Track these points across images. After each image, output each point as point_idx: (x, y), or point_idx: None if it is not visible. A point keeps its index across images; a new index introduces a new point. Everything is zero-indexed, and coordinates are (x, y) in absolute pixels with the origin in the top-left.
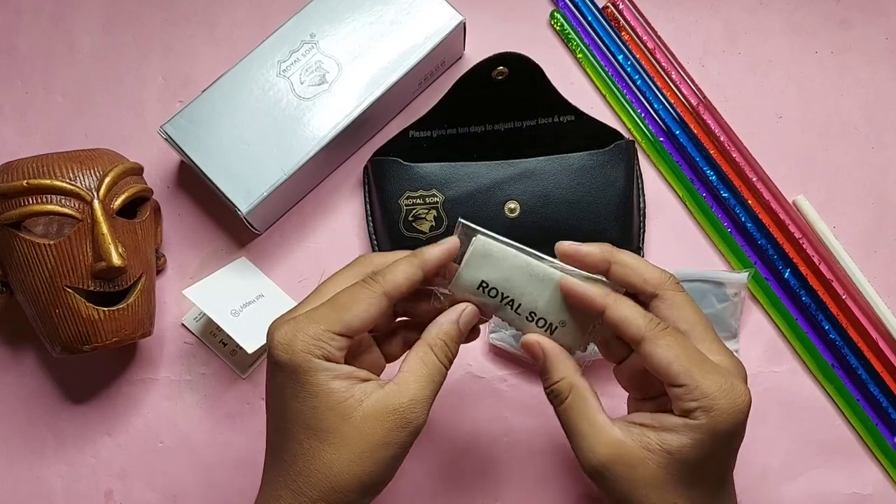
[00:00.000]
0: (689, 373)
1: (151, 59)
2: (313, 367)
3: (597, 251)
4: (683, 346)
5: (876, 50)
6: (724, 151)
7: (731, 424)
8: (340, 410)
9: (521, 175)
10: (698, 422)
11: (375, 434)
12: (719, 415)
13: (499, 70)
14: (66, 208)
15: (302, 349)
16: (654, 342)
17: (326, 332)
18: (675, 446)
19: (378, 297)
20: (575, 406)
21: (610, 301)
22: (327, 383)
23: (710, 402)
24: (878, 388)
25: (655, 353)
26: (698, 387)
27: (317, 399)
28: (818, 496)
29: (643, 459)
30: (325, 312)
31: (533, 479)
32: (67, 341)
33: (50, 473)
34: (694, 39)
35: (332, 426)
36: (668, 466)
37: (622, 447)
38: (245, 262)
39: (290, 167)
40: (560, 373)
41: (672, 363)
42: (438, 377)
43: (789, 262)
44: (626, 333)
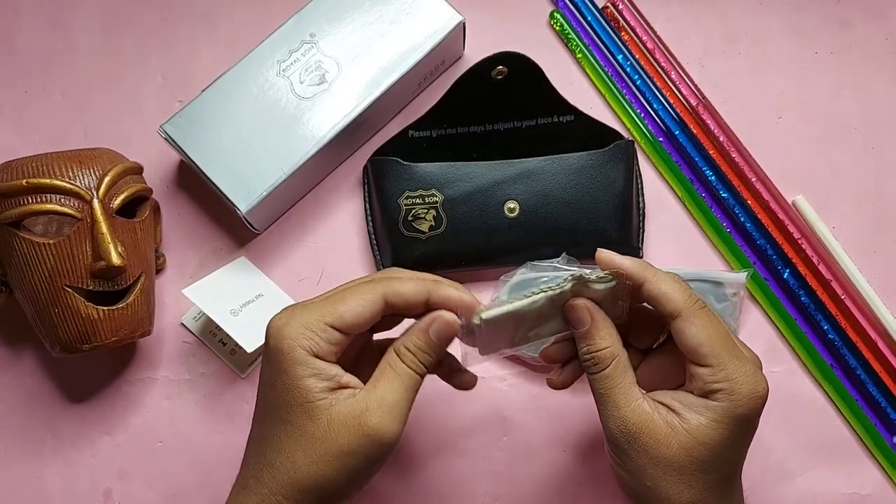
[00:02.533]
0: (717, 355)
1: (151, 59)
2: (295, 358)
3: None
4: (717, 328)
5: (876, 50)
6: (724, 152)
7: (750, 410)
8: (309, 409)
9: (521, 175)
10: (719, 403)
11: (340, 439)
12: (739, 399)
13: (498, 70)
14: (65, 207)
15: (289, 336)
16: (690, 319)
17: (318, 322)
18: (695, 426)
19: (377, 296)
20: (614, 376)
21: (649, 274)
22: (303, 378)
23: (732, 386)
24: (877, 388)
25: (689, 331)
26: (724, 369)
27: (289, 392)
28: (817, 496)
29: (668, 436)
30: (320, 302)
31: (533, 479)
32: (67, 340)
33: (49, 473)
34: (694, 39)
35: (300, 423)
36: (688, 447)
37: (651, 421)
38: (244, 261)
39: (290, 167)
40: (606, 341)
41: (703, 343)
42: (409, 382)
43: (788, 262)
44: (665, 307)
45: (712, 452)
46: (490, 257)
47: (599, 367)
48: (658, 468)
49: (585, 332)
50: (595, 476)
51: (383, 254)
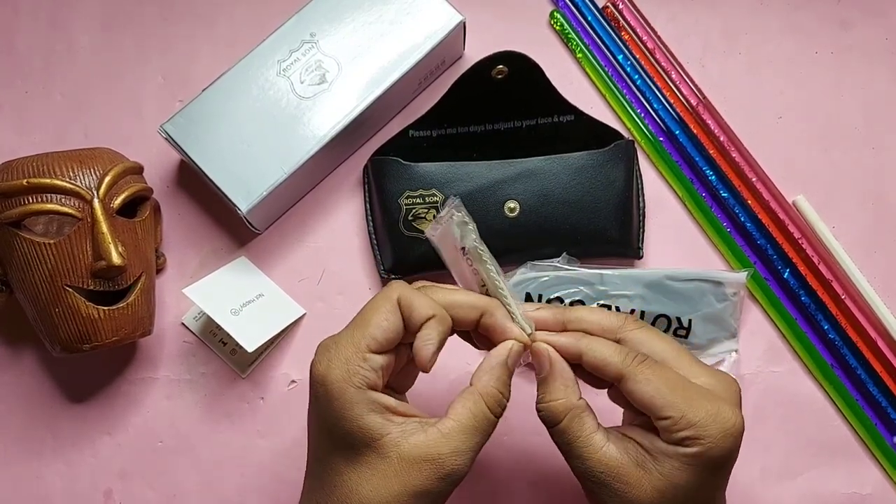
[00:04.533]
0: (672, 405)
1: (151, 59)
2: (349, 398)
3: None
4: (663, 377)
5: (876, 50)
6: (724, 151)
7: (724, 450)
8: (376, 447)
9: (521, 175)
10: (690, 450)
11: (412, 480)
12: (710, 442)
13: (498, 69)
14: (66, 207)
15: (337, 378)
16: (633, 379)
17: (356, 354)
18: (668, 469)
19: (392, 303)
20: (570, 429)
21: (583, 346)
22: (364, 417)
23: (698, 431)
24: (878, 387)
25: (636, 390)
26: (683, 416)
27: (353, 436)
28: (817, 496)
29: (639, 479)
30: (350, 332)
31: (533, 479)
32: (67, 340)
33: (49, 473)
34: (694, 39)
35: (370, 462)
36: (662, 489)
37: (620, 466)
38: (245, 261)
39: (290, 166)
40: (560, 392)
41: (653, 397)
42: (488, 427)
43: (788, 262)
44: (606, 375)
45: (686, 494)
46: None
47: (553, 420)
48: None
49: (541, 380)
50: None
51: (384, 253)
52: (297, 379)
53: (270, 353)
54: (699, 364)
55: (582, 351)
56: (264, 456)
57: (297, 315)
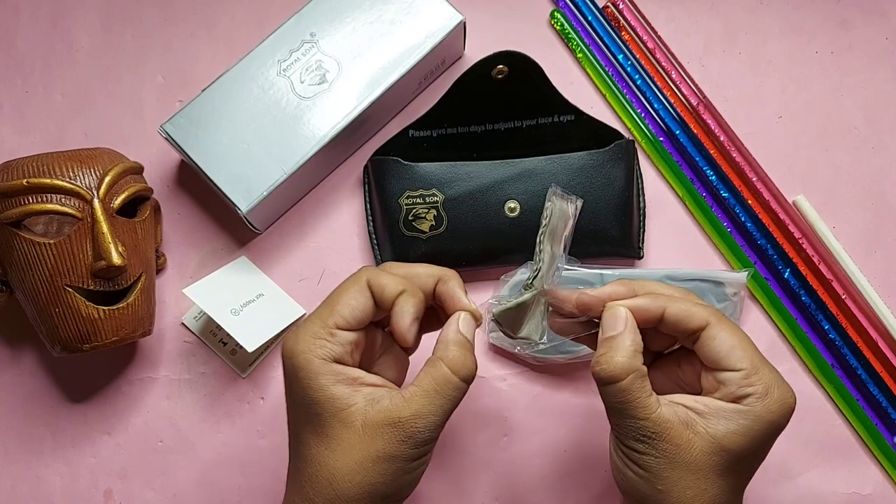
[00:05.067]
0: (749, 358)
1: (151, 59)
2: (314, 369)
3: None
4: (744, 336)
5: (876, 50)
6: (724, 151)
7: (781, 416)
8: (342, 417)
9: (521, 174)
10: (751, 408)
11: (376, 445)
12: (772, 403)
13: (499, 69)
14: (66, 207)
15: (303, 350)
16: (718, 326)
17: (322, 329)
18: (722, 432)
19: (362, 285)
20: (631, 389)
21: (664, 302)
22: (329, 388)
23: (766, 389)
24: (878, 387)
25: (719, 338)
26: (758, 372)
27: (319, 405)
28: (818, 496)
29: (689, 441)
30: (319, 310)
31: (533, 479)
32: (67, 340)
33: (49, 473)
34: (694, 39)
35: (335, 432)
36: (710, 452)
37: (671, 427)
38: (245, 261)
39: (291, 166)
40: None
41: (735, 346)
42: (451, 392)
43: (789, 261)
44: (691, 325)
45: (735, 459)
46: (491, 257)
47: (616, 378)
48: (675, 471)
49: (608, 339)
50: (595, 476)
51: (384, 253)
52: None
53: (270, 353)
54: None
55: (665, 307)
56: (264, 456)
57: (298, 315)
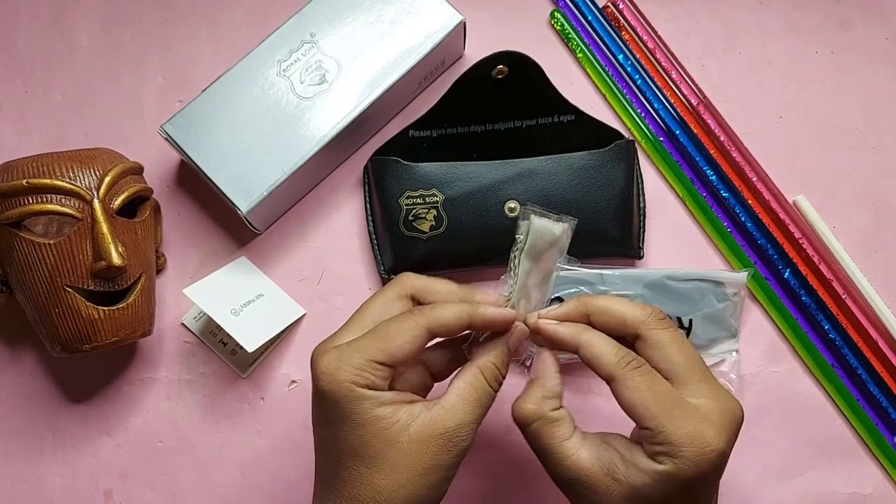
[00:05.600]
0: (654, 417)
1: (151, 59)
2: (357, 395)
3: (572, 309)
4: (653, 389)
5: (876, 50)
6: (724, 151)
7: (696, 473)
8: (387, 436)
9: (521, 175)
10: (663, 467)
11: (423, 458)
12: (683, 462)
13: (499, 69)
14: (66, 208)
15: (346, 379)
16: (623, 383)
17: (369, 363)
18: (639, 483)
19: (422, 330)
20: (540, 434)
21: (583, 339)
22: (372, 411)
23: (673, 449)
24: (878, 387)
25: (622, 394)
26: (662, 432)
27: (363, 427)
28: (818, 496)
29: (607, 487)
30: (368, 342)
31: (533, 479)
32: (67, 341)
33: (49, 473)
34: (694, 39)
35: (380, 452)
36: (631, 499)
37: (588, 475)
38: (245, 261)
39: (290, 166)
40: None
41: (637, 405)
42: (487, 400)
43: (789, 261)
44: (598, 372)
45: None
46: (491, 257)
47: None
48: None
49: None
50: None
51: (384, 253)
52: (297, 379)
53: (270, 353)
54: (709, 383)
55: (580, 345)
56: (264, 456)
57: (298, 315)
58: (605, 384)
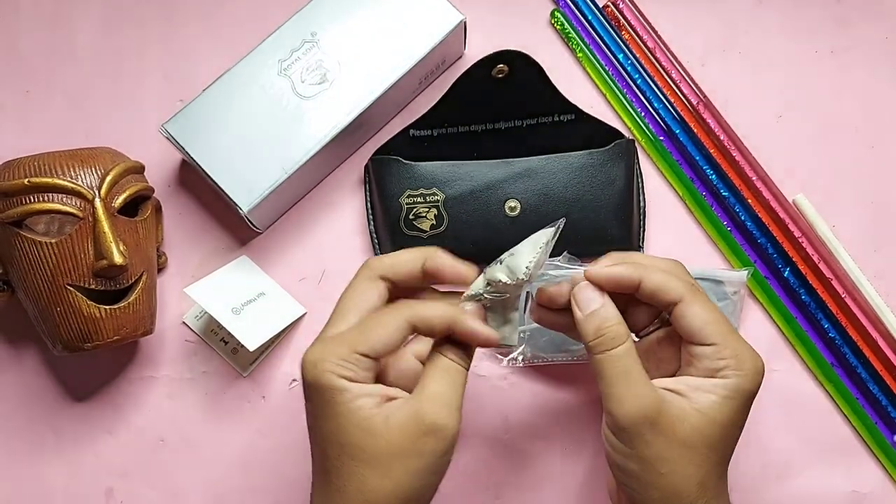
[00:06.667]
0: (721, 333)
1: (152, 58)
2: (338, 386)
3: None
4: (716, 311)
5: (876, 50)
6: (724, 150)
7: (755, 384)
8: (367, 426)
9: (522, 174)
10: (728, 380)
11: (403, 444)
12: (747, 373)
13: (499, 68)
14: (67, 207)
15: (328, 369)
16: (692, 303)
17: (352, 354)
18: (706, 405)
19: (403, 323)
20: (630, 355)
21: (642, 273)
22: (353, 401)
23: (738, 362)
24: (878, 386)
25: (690, 313)
26: (730, 346)
27: (344, 417)
28: (818, 495)
29: (682, 418)
30: (352, 335)
31: (533, 479)
32: (69, 339)
33: (50, 471)
34: (694, 39)
35: (361, 442)
36: (700, 427)
37: (666, 403)
38: (246, 260)
39: (291, 166)
40: (618, 316)
41: (708, 322)
42: (455, 376)
43: (789, 260)
44: (666, 297)
45: (722, 430)
46: (491, 256)
47: (616, 341)
48: (674, 451)
49: (595, 312)
50: (595, 475)
51: (384, 252)
52: (298, 378)
53: (271, 352)
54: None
55: (642, 277)
56: (266, 455)
57: (298, 314)
58: None
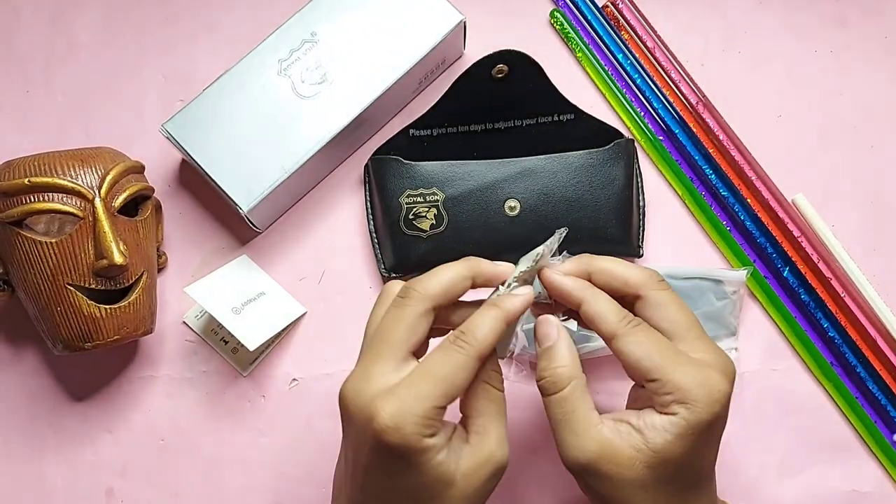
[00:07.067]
0: (658, 368)
1: (152, 58)
2: (424, 447)
3: (574, 267)
4: (654, 342)
5: (875, 49)
6: (724, 150)
7: (710, 415)
8: (446, 479)
9: (521, 174)
10: (677, 416)
11: (477, 487)
12: (696, 406)
13: (499, 68)
14: (67, 206)
15: (413, 431)
16: (625, 339)
17: (433, 409)
18: (660, 444)
19: (473, 361)
20: (572, 399)
21: (587, 296)
22: (435, 458)
23: (684, 395)
24: (877, 386)
25: (625, 350)
26: (670, 380)
27: (425, 476)
28: (817, 494)
29: (631, 459)
30: (428, 389)
31: (533, 479)
32: (69, 339)
33: (51, 471)
34: (694, 39)
35: (439, 494)
36: (654, 465)
37: (611, 447)
38: (246, 259)
39: (291, 165)
40: (566, 359)
41: (641, 359)
42: (502, 406)
43: (788, 260)
44: (599, 330)
45: (677, 466)
46: (491, 256)
47: (556, 387)
48: (623, 491)
49: (547, 350)
50: None
51: (384, 252)
52: (298, 377)
53: (272, 351)
54: (704, 340)
55: (583, 300)
56: (266, 454)
57: (299, 314)
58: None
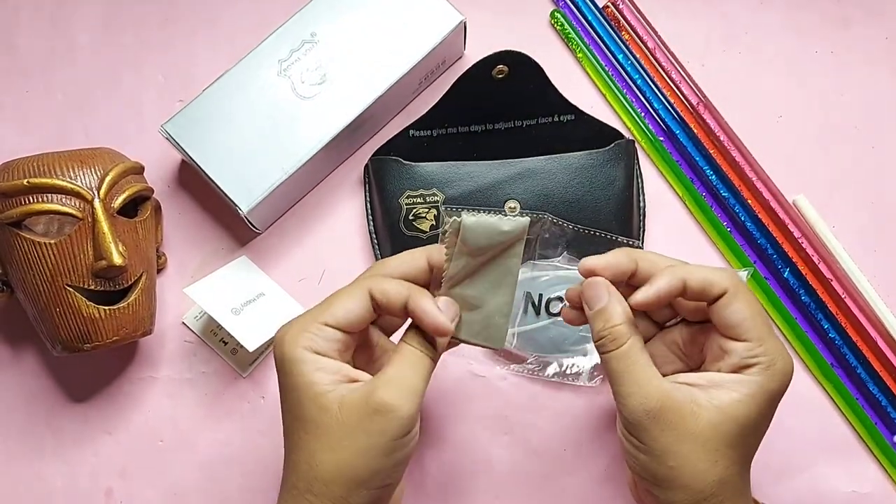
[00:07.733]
0: (759, 329)
1: (151, 58)
2: (297, 357)
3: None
4: (758, 307)
5: (876, 50)
6: (724, 151)
7: (782, 385)
8: (321, 402)
9: (521, 174)
10: (754, 378)
11: (351, 421)
12: (776, 373)
13: (499, 69)
14: (66, 207)
15: (290, 340)
16: (737, 297)
17: (312, 322)
18: (726, 401)
19: (363, 291)
20: (632, 353)
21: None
22: (310, 374)
23: (770, 360)
24: (878, 387)
25: (734, 307)
26: (764, 344)
27: (299, 390)
28: (817, 494)
29: (693, 412)
30: (316, 308)
31: (533, 478)
32: (68, 340)
33: (50, 472)
34: (694, 39)
35: (313, 416)
36: (717, 423)
37: (673, 398)
38: (246, 260)
39: (291, 166)
40: (622, 317)
41: (747, 318)
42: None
43: (789, 261)
44: (712, 291)
45: (742, 428)
46: None
47: (617, 342)
48: (684, 445)
49: (601, 310)
50: (595, 475)
51: (384, 253)
52: None
53: (271, 352)
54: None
55: (685, 278)
56: (265, 455)
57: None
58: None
